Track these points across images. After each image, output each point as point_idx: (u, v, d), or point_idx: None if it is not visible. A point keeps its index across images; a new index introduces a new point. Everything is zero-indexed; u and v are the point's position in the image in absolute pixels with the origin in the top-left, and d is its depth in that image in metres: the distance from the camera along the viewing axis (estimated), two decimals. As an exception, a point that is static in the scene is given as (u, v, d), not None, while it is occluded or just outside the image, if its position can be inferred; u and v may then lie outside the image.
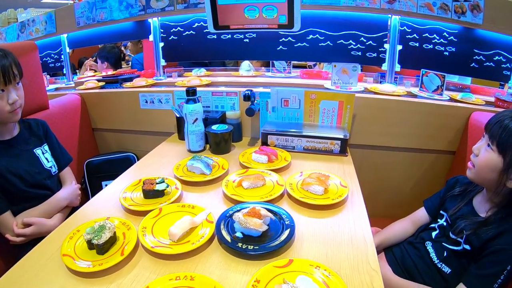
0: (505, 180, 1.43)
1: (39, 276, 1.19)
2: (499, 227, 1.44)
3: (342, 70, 2.69)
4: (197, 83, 2.86)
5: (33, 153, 2.00)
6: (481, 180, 1.57)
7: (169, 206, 1.54)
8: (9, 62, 1.74)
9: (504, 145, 1.42)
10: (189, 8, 2.86)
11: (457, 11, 2.48)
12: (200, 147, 2.24)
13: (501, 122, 1.46)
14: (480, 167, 1.52)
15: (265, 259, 1.23)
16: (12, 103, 1.77)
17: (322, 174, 1.76)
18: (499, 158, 1.44)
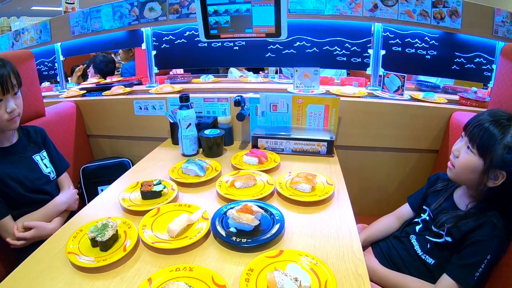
0: (485, 180, 1.49)
1: (44, 273, 1.25)
2: (478, 220, 1.49)
3: (304, 74, 2.83)
4: (169, 90, 3.00)
5: (32, 160, 2.04)
6: (461, 180, 1.64)
7: (166, 206, 1.62)
8: (7, 71, 1.77)
9: (484, 148, 1.47)
10: (181, 18, 2.92)
11: (436, 17, 2.58)
12: (194, 151, 2.31)
13: (480, 125, 1.51)
14: (460, 169, 1.58)
15: (257, 251, 1.31)
16: (10, 112, 1.80)
17: (310, 173, 1.85)
18: (480, 161, 1.49)
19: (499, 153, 1.43)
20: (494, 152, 1.45)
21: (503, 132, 1.45)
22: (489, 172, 1.47)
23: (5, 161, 1.91)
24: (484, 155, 1.48)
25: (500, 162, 1.43)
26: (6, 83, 1.75)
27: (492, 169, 1.46)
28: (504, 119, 1.48)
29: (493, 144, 1.45)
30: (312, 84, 2.83)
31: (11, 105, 1.80)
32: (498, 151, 1.44)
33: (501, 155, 1.43)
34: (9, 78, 1.77)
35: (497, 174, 1.46)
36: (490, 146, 1.46)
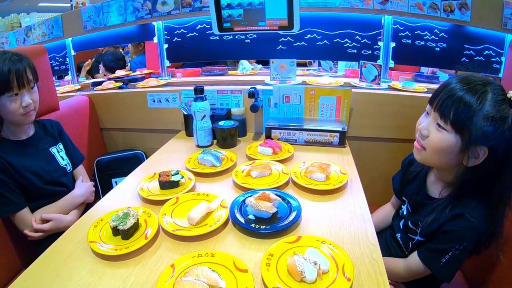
0: (465, 160, 1.33)
1: (67, 261, 1.28)
2: (451, 212, 1.38)
3: (280, 66, 2.88)
4: (154, 84, 3.06)
5: (49, 152, 2.07)
6: (433, 163, 1.49)
7: (185, 195, 1.65)
8: (24, 66, 1.78)
9: (461, 123, 1.28)
10: (194, 12, 2.93)
11: (446, 10, 2.58)
12: (208, 142, 2.34)
13: (452, 95, 1.30)
14: (433, 151, 1.40)
15: (276, 237, 1.34)
16: (26, 106, 1.81)
17: (323, 163, 1.87)
18: (456, 138, 1.31)
19: (478, 126, 1.25)
20: (472, 125, 1.25)
21: (480, 101, 1.26)
22: (469, 150, 1.30)
23: (23, 153, 1.93)
24: (461, 131, 1.29)
25: (481, 137, 1.26)
26: (22, 78, 1.77)
27: (472, 146, 1.29)
28: (479, 85, 1.29)
29: (471, 117, 1.25)
30: (288, 75, 2.89)
31: (27, 99, 1.81)
32: (477, 123, 1.25)
33: (481, 128, 1.25)
34: (25, 73, 1.79)
35: (477, 151, 1.30)
36: (467, 119, 1.26)
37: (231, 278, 1.13)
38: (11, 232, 1.89)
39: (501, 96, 1.28)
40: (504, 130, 1.25)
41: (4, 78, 1.72)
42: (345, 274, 1.12)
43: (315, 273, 1.08)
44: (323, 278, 1.11)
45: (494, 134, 1.25)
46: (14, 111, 1.80)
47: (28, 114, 1.86)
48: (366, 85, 2.75)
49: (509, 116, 1.26)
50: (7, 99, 1.77)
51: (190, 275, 1.09)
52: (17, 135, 1.95)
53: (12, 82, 1.74)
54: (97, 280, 1.19)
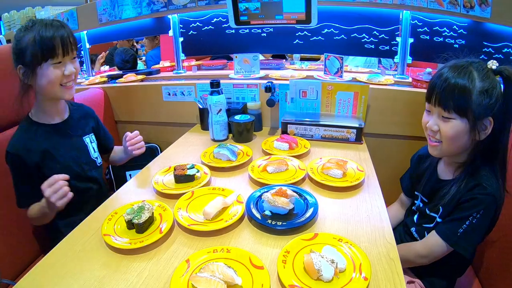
0: (476, 136, 1.41)
1: (81, 254, 1.28)
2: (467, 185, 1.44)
3: (244, 60, 2.90)
4: (132, 79, 3.09)
5: (83, 141, 1.97)
6: (451, 151, 1.52)
7: (200, 189, 1.64)
8: (67, 33, 1.68)
9: (463, 107, 1.37)
10: (210, 5, 2.91)
11: (465, 6, 2.54)
12: (224, 136, 2.33)
13: (446, 87, 1.41)
14: (449, 141, 1.46)
15: (292, 234, 1.33)
16: (68, 75, 1.70)
17: (340, 159, 1.85)
18: (463, 121, 1.39)
19: (477, 102, 1.35)
20: (473, 105, 1.36)
21: (471, 81, 1.36)
22: (477, 126, 1.39)
23: (54, 141, 1.82)
24: (465, 114, 1.38)
25: (483, 111, 1.36)
26: (67, 44, 1.67)
27: (479, 122, 1.38)
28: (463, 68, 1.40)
29: (469, 98, 1.36)
30: (252, 69, 2.90)
31: (70, 67, 1.71)
32: (476, 101, 1.35)
33: (481, 103, 1.35)
34: (69, 39, 1.69)
35: (483, 124, 1.40)
36: (467, 102, 1.36)
37: (247, 274, 1.12)
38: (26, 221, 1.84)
39: (483, 70, 1.40)
40: (498, 96, 1.37)
41: (49, 43, 1.63)
42: (362, 273, 1.10)
43: (332, 272, 1.07)
44: (339, 277, 1.09)
45: (493, 103, 1.37)
46: (55, 81, 1.69)
47: (69, 86, 1.76)
48: (330, 78, 2.75)
49: (498, 82, 1.39)
50: (49, 67, 1.67)
51: (206, 271, 1.08)
52: (51, 117, 1.85)
53: (57, 48, 1.65)
54: (111, 274, 1.18)
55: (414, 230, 1.69)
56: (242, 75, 2.90)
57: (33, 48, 1.63)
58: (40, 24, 1.66)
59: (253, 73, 2.90)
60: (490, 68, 1.40)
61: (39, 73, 1.67)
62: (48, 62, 1.65)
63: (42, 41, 1.62)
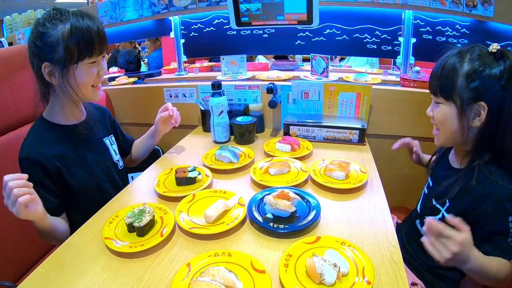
0: (466, 122, 1.36)
1: (82, 256, 1.28)
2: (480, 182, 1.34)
3: (231, 62, 2.90)
4: (124, 81, 3.09)
5: (103, 142, 1.85)
6: (449, 139, 1.49)
7: (202, 192, 1.63)
8: (101, 28, 1.51)
9: (448, 90, 1.37)
10: (211, 6, 2.91)
11: (468, 5, 2.52)
12: (226, 138, 2.32)
13: (436, 71, 1.41)
14: (440, 126, 1.47)
15: (294, 237, 1.31)
16: (101, 75, 1.58)
17: (343, 161, 1.84)
18: (451, 106, 1.38)
19: (463, 85, 1.32)
20: (458, 88, 1.34)
21: (460, 63, 1.34)
22: (466, 110, 1.34)
23: (74, 142, 1.67)
24: (451, 97, 1.37)
25: (471, 94, 1.32)
26: (104, 40, 1.53)
27: (467, 106, 1.34)
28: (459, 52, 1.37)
29: (454, 80, 1.34)
30: (239, 71, 2.91)
31: (104, 67, 1.58)
32: (462, 84, 1.33)
33: (467, 86, 1.32)
34: (104, 35, 1.53)
35: (476, 109, 1.34)
36: (452, 84, 1.35)
37: (248, 279, 1.11)
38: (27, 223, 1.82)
39: (477, 53, 1.34)
40: (491, 80, 1.30)
41: (88, 38, 1.46)
42: (365, 277, 1.08)
43: (335, 276, 1.05)
44: (342, 281, 1.08)
45: (484, 87, 1.31)
46: (88, 82, 1.55)
47: (99, 87, 1.63)
48: (316, 78, 2.74)
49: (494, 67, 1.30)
50: (86, 66, 1.52)
51: (206, 275, 1.07)
52: (68, 118, 1.66)
53: (96, 44, 1.49)
54: (112, 277, 1.18)
55: (418, 222, 1.65)
56: (230, 76, 2.91)
57: (69, 43, 1.44)
58: (73, 15, 1.47)
59: (240, 74, 2.91)
60: (491, 52, 1.33)
61: (71, 73, 1.50)
62: (84, 60, 1.49)
63: (80, 36, 1.44)
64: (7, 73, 1.82)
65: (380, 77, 2.76)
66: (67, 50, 1.44)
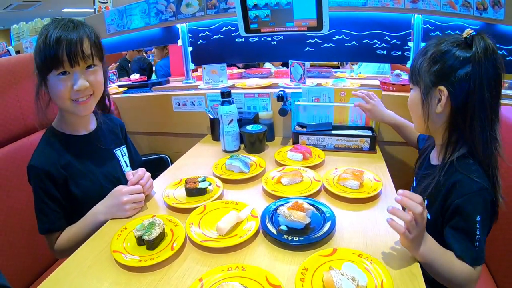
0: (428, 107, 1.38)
1: (90, 271, 1.24)
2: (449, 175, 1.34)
3: (212, 71, 2.93)
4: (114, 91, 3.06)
5: (114, 154, 1.80)
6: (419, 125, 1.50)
7: (213, 203, 1.59)
8: (79, 36, 1.43)
9: (414, 74, 1.41)
10: (219, 13, 2.91)
11: (478, 8, 2.49)
12: (236, 147, 2.28)
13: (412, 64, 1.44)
14: (411, 112, 1.51)
15: (309, 249, 1.28)
16: (78, 90, 1.46)
17: (357, 169, 1.79)
18: (417, 92, 1.41)
19: (425, 69, 1.35)
20: (421, 72, 1.37)
21: (426, 50, 1.37)
22: (427, 95, 1.37)
23: (81, 153, 1.64)
24: (417, 82, 1.41)
25: (432, 78, 1.34)
26: (75, 52, 1.41)
27: (429, 90, 1.36)
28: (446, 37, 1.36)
29: (419, 65, 1.38)
30: (220, 79, 2.94)
31: (81, 82, 1.46)
32: (424, 67, 1.35)
33: (428, 70, 1.34)
34: (80, 45, 1.43)
35: (437, 94, 1.35)
36: (417, 69, 1.38)
37: (264, 294, 1.07)
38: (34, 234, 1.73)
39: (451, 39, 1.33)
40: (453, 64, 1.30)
41: (51, 50, 1.40)
42: (385, 291, 1.04)
43: (354, 290, 1.01)
44: (361, 296, 1.04)
45: (443, 70, 1.32)
46: (62, 95, 1.47)
47: (83, 102, 1.51)
48: (295, 84, 2.74)
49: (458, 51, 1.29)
50: (55, 78, 1.45)
51: (220, 291, 1.03)
52: (74, 128, 1.65)
53: (61, 55, 1.40)
54: (121, 292, 1.14)
55: None
56: (211, 85, 2.92)
57: (40, 54, 1.43)
58: (55, 24, 1.44)
59: (221, 83, 2.93)
60: (465, 37, 1.31)
61: (48, 84, 1.48)
62: (53, 72, 1.44)
63: (46, 46, 1.41)
64: (14, 82, 1.81)
65: (360, 81, 2.78)
66: (37, 61, 1.45)
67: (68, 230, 1.58)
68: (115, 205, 1.55)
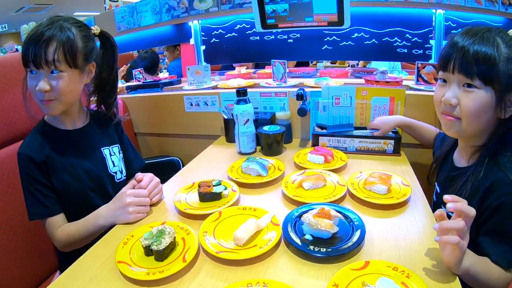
0: (501, 112, 1.25)
1: (93, 282, 1.16)
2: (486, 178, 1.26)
3: (196, 72, 2.92)
4: None
5: (100, 152, 1.76)
6: (472, 130, 1.33)
7: (229, 209, 1.48)
8: (47, 39, 1.41)
9: (488, 73, 1.21)
10: (234, 9, 2.85)
11: (504, 3, 2.40)
12: (252, 148, 2.20)
13: (468, 50, 1.22)
14: (471, 116, 1.27)
15: (337, 262, 1.16)
16: (38, 91, 1.46)
17: (384, 173, 1.68)
18: (488, 91, 1.23)
19: (505, 70, 1.20)
20: (500, 72, 1.20)
21: (496, 46, 1.21)
22: (505, 98, 1.23)
23: (65, 148, 1.63)
24: (491, 82, 1.22)
25: (510, 81, 1.21)
26: (39, 54, 1.40)
27: (506, 94, 1.23)
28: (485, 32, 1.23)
29: (495, 63, 1.19)
30: (204, 80, 2.93)
31: (41, 85, 1.44)
32: (503, 68, 1.19)
33: (507, 72, 1.20)
34: (46, 48, 1.41)
35: (509, 98, 1.24)
36: (493, 67, 1.20)
37: (289, 314, 0.95)
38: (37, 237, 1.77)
39: (507, 36, 1.25)
40: None
41: (23, 49, 1.43)
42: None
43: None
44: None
45: None
46: (32, 92, 1.51)
47: (45, 103, 1.50)
48: (277, 84, 2.70)
49: None
50: (28, 76, 1.50)
51: (241, 311, 0.92)
52: (62, 123, 1.66)
53: (28, 55, 1.42)
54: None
55: None
56: (195, 85, 2.90)
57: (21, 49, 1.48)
58: (45, 21, 1.48)
59: (205, 84, 2.92)
60: None
61: None
62: (27, 70, 1.50)
63: (24, 43, 1.46)
64: (21, 79, 1.72)
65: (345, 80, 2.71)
66: None
67: (68, 226, 1.58)
68: (118, 207, 1.52)
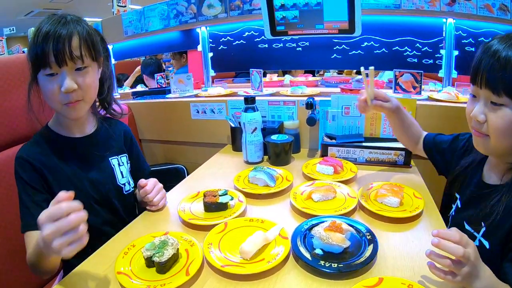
0: None
1: None
2: None
3: (178, 80, 3.00)
4: None
5: (108, 162, 1.66)
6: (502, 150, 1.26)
7: (235, 221, 1.43)
8: (69, 34, 1.32)
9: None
10: (243, 15, 2.82)
11: None
12: (259, 158, 2.15)
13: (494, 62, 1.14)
14: (499, 135, 1.20)
15: (349, 278, 1.11)
16: (66, 92, 1.34)
17: (394, 185, 1.64)
18: None
19: None
20: None
21: None
22: None
23: (70, 156, 1.53)
24: None
25: None
26: (63, 50, 1.30)
27: None
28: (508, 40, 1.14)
29: None
30: (187, 88, 3.01)
31: (68, 83, 1.33)
32: None
33: None
34: (69, 43, 1.31)
35: None
36: None
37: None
38: None
39: None
40: None
41: (38, 48, 1.30)
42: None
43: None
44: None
45: None
46: (51, 96, 1.37)
47: (71, 105, 1.40)
48: (254, 92, 2.75)
49: None
50: (44, 78, 1.35)
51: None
52: (69, 130, 1.55)
53: (48, 54, 1.30)
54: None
55: None
56: (178, 93, 2.96)
57: (29, 51, 1.35)
58: (48, 19, 1.35)
59: (188, 92, 2.99)
60: None
61: (39, 83, 1.41)
62: (41, 72, 1.36)
63: (35, 43, 1.31)
64: (25, 80, 1.67)
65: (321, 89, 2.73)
66: (28, 58, 1.37)
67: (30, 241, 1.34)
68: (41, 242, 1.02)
